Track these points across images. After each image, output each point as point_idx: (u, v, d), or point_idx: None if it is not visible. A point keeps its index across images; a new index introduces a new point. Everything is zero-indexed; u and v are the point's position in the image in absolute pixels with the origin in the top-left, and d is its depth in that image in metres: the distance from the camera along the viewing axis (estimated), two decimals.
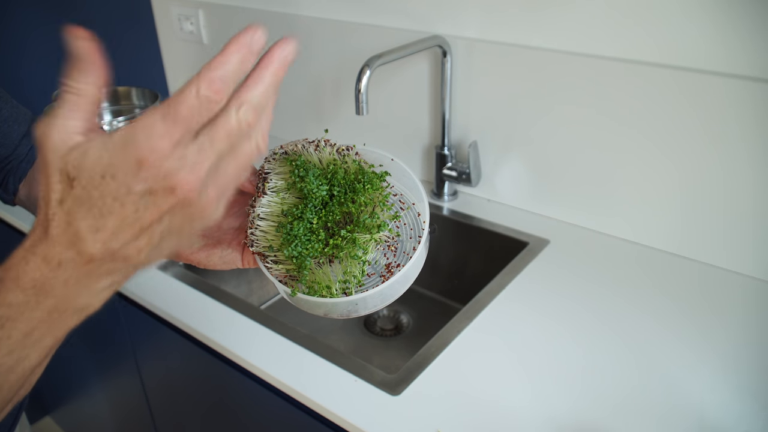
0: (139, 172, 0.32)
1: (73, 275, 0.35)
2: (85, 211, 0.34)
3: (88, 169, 0.33)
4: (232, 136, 0.34)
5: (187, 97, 0.33)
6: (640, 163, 0.96)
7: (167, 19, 1.58)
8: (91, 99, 0.34)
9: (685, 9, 0.85)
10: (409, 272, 0.51)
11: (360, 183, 0.51)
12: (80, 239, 0.34)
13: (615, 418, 0.70)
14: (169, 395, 1.12)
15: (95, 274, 0.36)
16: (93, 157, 0.33)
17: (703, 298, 0.89)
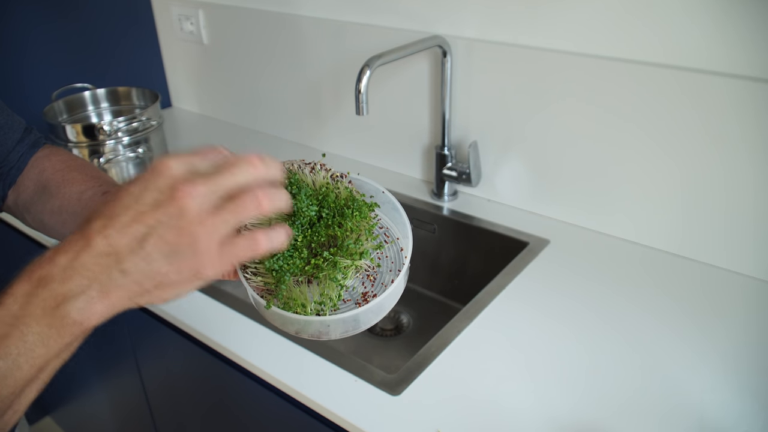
0: (152, 178, 0.40)
1: (71, 265, 0.39)
2: (108, 211, 0.40)
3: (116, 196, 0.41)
4: (236, 174, 0.40)
5: (211, 147, 0.42)
6: (641, 163, 0.96)
7: (167, 19, 1.58)
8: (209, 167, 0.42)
9: (686, 9, 0.85)
10: (384, 302, 0.51)
11: (349, 209, 0.52)
12: (90, 230, 0.39)
13: (615, 418, 0.70)
14: (169, 395, 1.12)
15: (88, 267, 0.39)
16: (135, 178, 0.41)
17: (704, 298, 0.89)
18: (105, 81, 1.40)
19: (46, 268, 0.40)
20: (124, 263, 0.39)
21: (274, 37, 1.37)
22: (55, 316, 0.39)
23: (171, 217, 0.39)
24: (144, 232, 0.39)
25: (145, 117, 1.12)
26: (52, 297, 0.39)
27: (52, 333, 0.40)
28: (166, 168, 0.40)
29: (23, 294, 0.39)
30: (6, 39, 1.34)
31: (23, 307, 0.39)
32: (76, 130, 1.08)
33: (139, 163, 1.13)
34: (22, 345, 0.39)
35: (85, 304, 0.40)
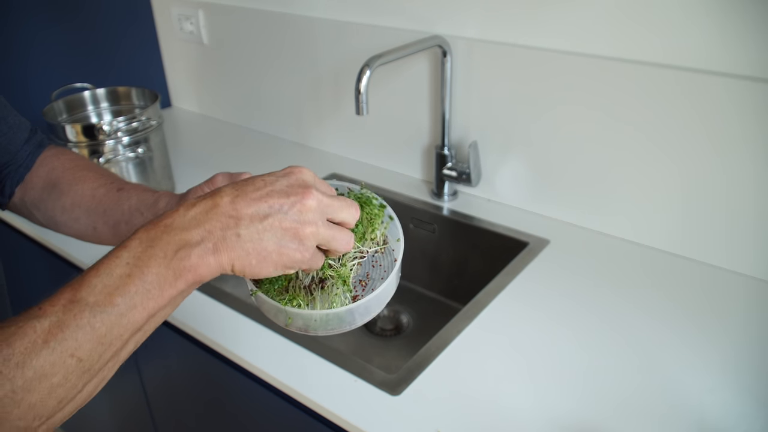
0: (290, 174, 0.47)
1: (196, 218, 0.44)
2: (241, 184, 0.46)
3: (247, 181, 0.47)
4: (344, 207, 0.48)
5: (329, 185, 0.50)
6: (641, 163, 0.96)
7: (167, 19, 1.58)
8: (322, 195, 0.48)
9: (686, 9, 0.85)
10: (371, 303, 0.53)
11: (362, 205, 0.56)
12: (221, 193, 0.45)
13: (615, 418, 0.70)
14: (169, 395, 1.12)
15: (209, 220, 0.44)
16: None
17: (704, 299, 0.89)
18: (105, 81, 1.40)
19: (173, 218, 0.44)
20: (242, 229, 0.44)
21: (274, 37, 1.37)
22: (174, 258, 0.43)
23: (293, 208, 0.45)
24: (267, 211, 0.45)
25: (144, 117, 1.12)
26: (174, 241, 0.43)
27: (169, 275, 0.43)
28: (300, 172, 0.47)
29: (148, 238, 0.43)
30: (6, 39, 1.34)
31: (146, 249, 0.43)
32: (75, 130, 1.08)
33: (139, 163, 1.13)
34: (141, 284, 0.42)
35: (201, 252, 0.43)
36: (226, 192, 0.45)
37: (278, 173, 0.48)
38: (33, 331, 0.39)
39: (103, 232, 0.66)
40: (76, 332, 0.40)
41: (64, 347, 0.39)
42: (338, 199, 0.48)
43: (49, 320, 0.39)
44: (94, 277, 0.41)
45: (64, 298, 0.41)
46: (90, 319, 0.40)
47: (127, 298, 0.41)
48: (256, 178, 0.47)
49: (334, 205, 0.47)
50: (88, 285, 0.41)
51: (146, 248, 0.43)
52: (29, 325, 0.39)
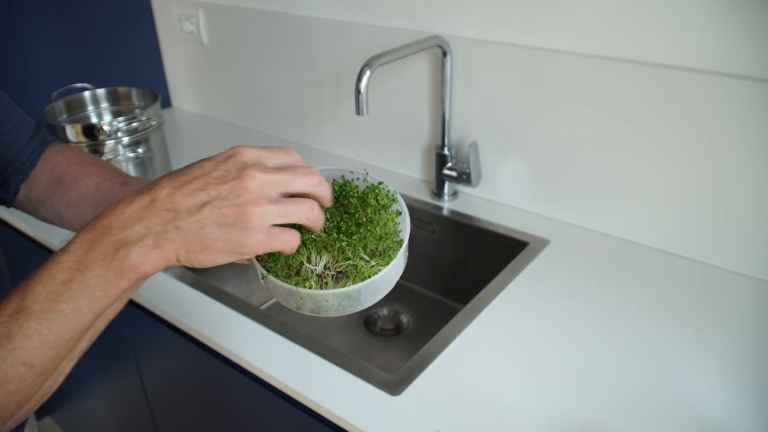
0: (229, 157, 0.46)
1: (135, 214, 0.44)
2: (176, 174, 0.45)
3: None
4: (297, 176, 0.47)
5: (283, 147, 0.49)
6: (641, 163, 0.96)
7: (167, 19, 1.58)
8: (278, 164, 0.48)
9: (686, 9, 0.85)
10: (380, 282, 0.53)
11: (372, 194, 0.57)
12: (158, 186, 0.44)
13: (615, 418, 0.70)
14: (169, 395, 1.12)
15: (148, 217, 0.43)
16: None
17: (704, 299, 0.89)
18: (105, 81, 1.40)
19: (110, 218, 0.44)
20: (180, 221, 0.43)
21: (274, 37, 1.37)
22: (114, 258, 0.43)
23: (233, 193, 0.44)
24: (205, 200, 0.44)
25: (145, 117, 1.12)
26: (113, 242, 0.43)
27: (111, 276, 0.43)
28: (240, 153, 0.46)
29: (87, 240, 0.43)
30: (6, 39, 1.34)
31: (86, 252, 0.43)
32: (76, 130, 1.08)
33: (139, 163, 1.13)
34: (84, 288, 0.42)
35: (142, 249, 0.43)
36: (162, 185, 0.45)
37: (218, 157, 0.46)
38: None
39: None
40: (25, 341, 0.40)
41: (14, 357, 0.40)
42: (287, 171, 0.46)
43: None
44: (38, 285, 0.42)
45: (10, 308, 0.41)
46: (37, 327, 0.41)
47: (71, 303, 0.42)
48: (193, 166, 0.46)
49: (281, 180, 0.46)
50: (33, 293, 0.41)
51: (86, 251, 0.43)
52: None
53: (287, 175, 0.46)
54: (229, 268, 1.13)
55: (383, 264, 0.53)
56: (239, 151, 0.46)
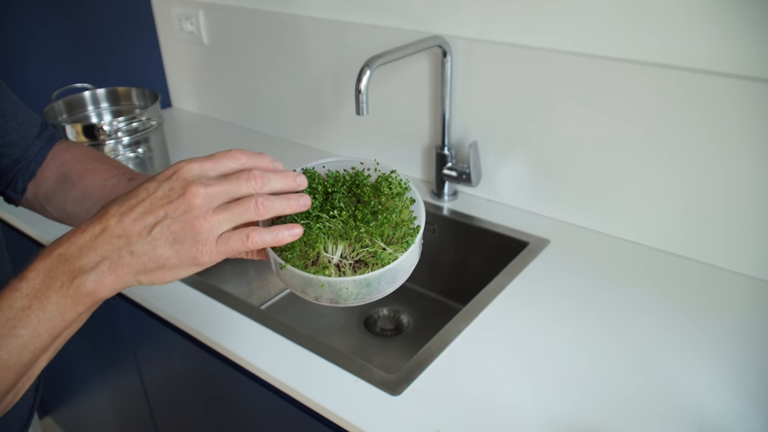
0: (171, 175, 0.47)
1: (87, 244, 0.45)
2: (123, 198, 0.46)
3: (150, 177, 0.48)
4: (241, 181, 0.47)
5: (227, 153, 0.49)
6: (641, 163, 0.96)
7: (167, 20, 1.58)
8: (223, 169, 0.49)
9: (686, 9, 0.85)
10: (397, 270, 0.53)
11: (385, 182, 0.58)
12: (107, 214, 0.46)
13: (615, 418, 0.70)
14: (169, 395, 1.12)
15: (101, 246, 0.45)
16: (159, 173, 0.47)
17: (704, 299, 0.89)
18: (105, 81, 1.40)
19: (65, 246, 0.45)
20: (133, 246, 0.45)
21: (274, 37, 1.37)
22: (71, 286, 0.45)
23: (178, 211, 0.45)
24: (153, 222, 0.45)
25: (145, 117, 1.12)
26: (70, 270, 0.45)
27: (68, 303, 0.45)
28: (181, 169, 0.47)
29: (44, 269, 0.45)
30: (6, 39, 1.34)
31: (44, 280, 0.44)
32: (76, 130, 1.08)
33: (139, 163, 1.13)
34: (42, 314, 0.44)
35: (97, 277, 0.45)
36: (111, 213, 0.46)
37: (161, 176, 0.47)
38: None
39: None
40: None
41: None
42: (230, 180, 0.47)
43: None
44: None
45: None
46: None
47: (30, 328, 0.44)
48: (139, 189, 0.47)
49: (224, 190, 0.47)
50: None
51: (44, 279, 0.44)
52: None
53: (231, 183, 0.47)
54: (229, 268, 1.13)
55: (401, 250, 0.53)
56: (180, 167, 0.47)
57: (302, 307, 1.16)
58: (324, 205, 0.56)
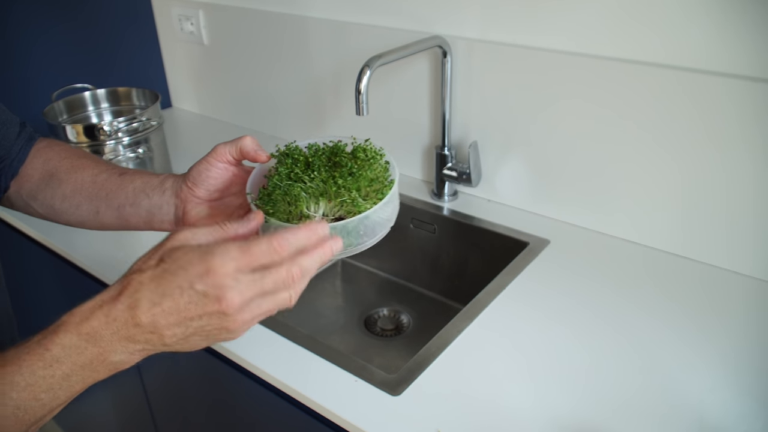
0: (205, 276, 0.45)
1: (120, 332, 0.46)
2: (154, 286, 0.45)
3: (174, 258, 0.46)
4: (278, 282, 0.47)
5: (262, 243, 0.47)
6: (641, 163, 0.96)
7: (167, 20, 1.58)
8: (227, 236, 0.49)
9: (686, 9, 0.85)
10: (376, 221, 0.58)
11: (360, 150, 0.63)
12: (138, 306, 0.45)
13: (616, 418, 0.70)
14: (169, 395, 1.12)
15: (134, 338, 0.46)
16: (182, 251, 0.46)
17: (704, 299, 0.89)
18: (105, 81, 1.40)
19: (95, 326, 0.46)
20: (166, 342, 0.47)
21: (275, 37, 1.37)
22: (98, 363, 0.46)
23: (213, 318, 0.46)
24: (186, 332, 0.47)
25: (145, 117, 1.12)
26: (99, 353, 0.46)
27: (93, 375, 0.47)
28: (215, 272, 0.45)
29: (72, 346, 0.45)
30: (6, 39, 1.34)
31: (70, 356, 0.45)
32: (76, 131, 1.08)
33: (140, 163, 1.13)
34: (65, 383, 0.46)
35: (126, 357, 0.47)
36: (142, 307, 0.45)
37: (192, 271, 0.45)
38: None
39: (106, 215, 0.67)
40: (1, 421, 0.45)
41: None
42: (263, 286, 0.47)
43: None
44: (17, 375, 0.45)
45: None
46: (14, 411, 0.45)
47: (50, 393, 0.46)
48: (168, 279, 0.46)
49: (260, 295, 0.47)
50: (12, 383, 0.45)
51: (70, 355, 0.45)
52: None
53: (266, 289, 0.47)
54: None
55: (377, 202, 0.58)
56: (215, 268, 0.45)
57: (302, 307, 1.17)
58: (306, 171, 0.60)
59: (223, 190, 0.64)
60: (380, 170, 0.62)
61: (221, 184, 0.64)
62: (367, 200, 0.58)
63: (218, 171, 0.63)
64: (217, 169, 0.63)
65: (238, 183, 0.64)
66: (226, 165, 0.63)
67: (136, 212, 0.66)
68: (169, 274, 0.46)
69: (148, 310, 0.45)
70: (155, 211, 0.65)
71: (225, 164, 0.63)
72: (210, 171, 0.63)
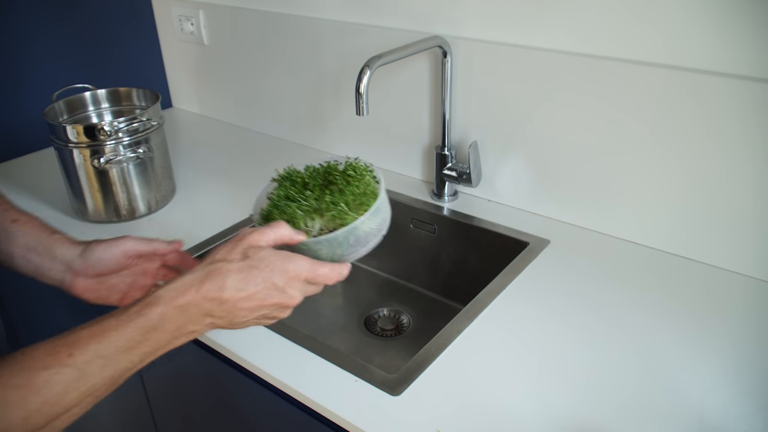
0: (284, 275, 0.60)
1: (203, 307, 0.57)
2: (241, 275, 0.58)
3: (260, 257, 0.59)
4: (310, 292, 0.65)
5: (325, 267, 0.63)
6: (642, 163, 0.96)
7: (168, 20, 1.58)
8: (283, 240, 0.63)
9: (687, 9, 0.85)
10: (365, 232, 0.66)
11: (350, 167, 0.71)
12: (225, 288, 0.58)
13: (617, 418, 0.70)
14: (169, 395, 1.12)
15: (213, 313, 0.58)
16: (266, 252, 0.60)
17: (705, 299, 0.89)
18: (105, 81, 1.40)
19: (187, 300, 0.57)
20: (236, 319, 0.60)
21: (275, 37, 1.37)
22: (180, 332, 0.58)
23: (275, 309, 0.62)
24: (253, 315, 0.61)
25: (145, 117, 1.12)
26: (184, 323, 0.57)
27: (174, 341, 0.58)
28: (292, 296, 0.62)
29: (166, 315, 0.56)
30: (7, 40, 1.34)
31: (164, 325, 0.56)
32: (76, 131, 1.08)
33: (140, 164, 1.13)
34: (155, 347, 0.57)
35: (199, 328, 0.59)
36: (229, 286, 0.58)
37: (278, 277, 0.60)
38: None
39: None
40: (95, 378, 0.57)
41: (85, 389, 0.57)
42: (308, 290, 0.64)
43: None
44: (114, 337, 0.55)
45: (90, 350, 0.54)
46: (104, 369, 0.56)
47: (142, 357, 0.58)
48: (255, 274, 0.59)
49: (311, 291, 0.64)
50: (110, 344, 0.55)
51: (163, 321, 0.57)
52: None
53: (315, 286, 0.65)
54: None
55: (363, 213, 0.65)
56: (292, 294, 0.62)
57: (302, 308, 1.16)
58: (302, 191, 0.69)
59: (114, 272, 0.76)
60: (368, 185, 0.68)
61: (115, 269, 0.75)
62: (356, 212, 0.65)
63: (117, 261, 0.75)
64: (116, 260, 0.75)
65: (132, 271, 0.77)
66: (128, 259, 0.76)
67: (25, 265, 0.74)
68: (254, 269, 0.59)
69: (232, 294, 0.57)
70: (44, 271, 0.74)
71: (126, 259, 0.75)
72: (110, 262, 0.74)
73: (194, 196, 1.24)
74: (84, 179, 1.11)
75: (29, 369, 0.50)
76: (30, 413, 0.49)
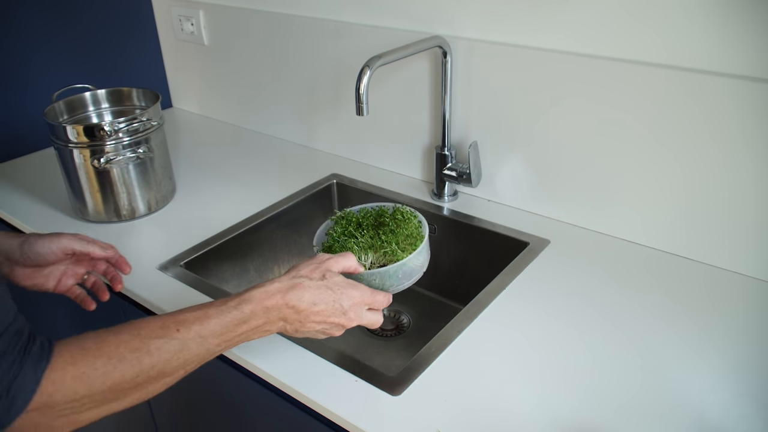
0: (348, 299, 0.71)
1: (282, 311, 0.68)
2: (318, 293, 0.70)
3: (335, 281, 0.71)
4: (366, 319, 0.75)
5: (377, 299, 0.74)
6: (641, 164, 0.96)
7: (168, 20, 1.58)
8: (350, 269, 0.76)
9: (687, 10, 0.85)
10: (411, 267, 0.80)
11: (399, 212, 0.86)
12: (302, 300, 0.69)
13: (617, 418, 0.70)
14: (169, 395, 1.11)
15: (286, 318, 0.69)
16: (339, 278, 0.72)
17: (705, 299, 0.89)
18: (106, 82, 1.40)
19: (273, 303, 0.68)
20: (302, 328, 0.71)
21: (275, 37, 1.37)
22: (258, 329, 0.68)
23: (334, 327, 0.72)
24: (317, 327, 0.71)
25: (145, 117, 1.12)
26: (264, 322, 0.68)
27: (251, 335, 0.68)
28: (353, 315, 0.72)
29: (255, 313, 0.67)
30: (7, 40, 1.34)
31: (251, 321, 0.67)
32: (77, 131, 1.08)
33: (140, 164, 1.13)
34: (238, 338, 0.67)
35: (272, 328, 0.69)
36: (306, 299, 0.69)
37: (345, 298, 0.71)
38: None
39: None
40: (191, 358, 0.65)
41: (183, 362, 0.64)
42: (373, 307, 0.75)
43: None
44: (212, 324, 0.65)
45: (194, 330, 0.64)
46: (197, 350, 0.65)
47: (227, 344, 0.67)
48: (326, 294, 0.70)
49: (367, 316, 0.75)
50: (208, 328, 0.65)
51: (248, 334, 0.68)
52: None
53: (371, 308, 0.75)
54: (229, 269, 1.13)
55: (411, 252, 0.79)
56: (354, 299, 0.72)
57: None
58: (357, 230, 0.84)
59: (51, 264, 0.87)
60: (414, 228, 0.83)
61: (51, 262, 0.86)
62: (404, 251, 0.79)
63: (54, 256, 0.85)
64: (53, 254, 0.84)
65: (66, 261, 0.88)
66: (64, 255, 0.86)
67: None
68: (329, 290, 0.70)
69: (307, 306, 0.69)
70: None
71: (63, 254, 0.85)
72: (48, 256, 0.84)
73: (194, 196, 1.24)
74: (84, 179, 1.12)
75: (145, 337, 0.60)
76: (140, 372, 0.59)
